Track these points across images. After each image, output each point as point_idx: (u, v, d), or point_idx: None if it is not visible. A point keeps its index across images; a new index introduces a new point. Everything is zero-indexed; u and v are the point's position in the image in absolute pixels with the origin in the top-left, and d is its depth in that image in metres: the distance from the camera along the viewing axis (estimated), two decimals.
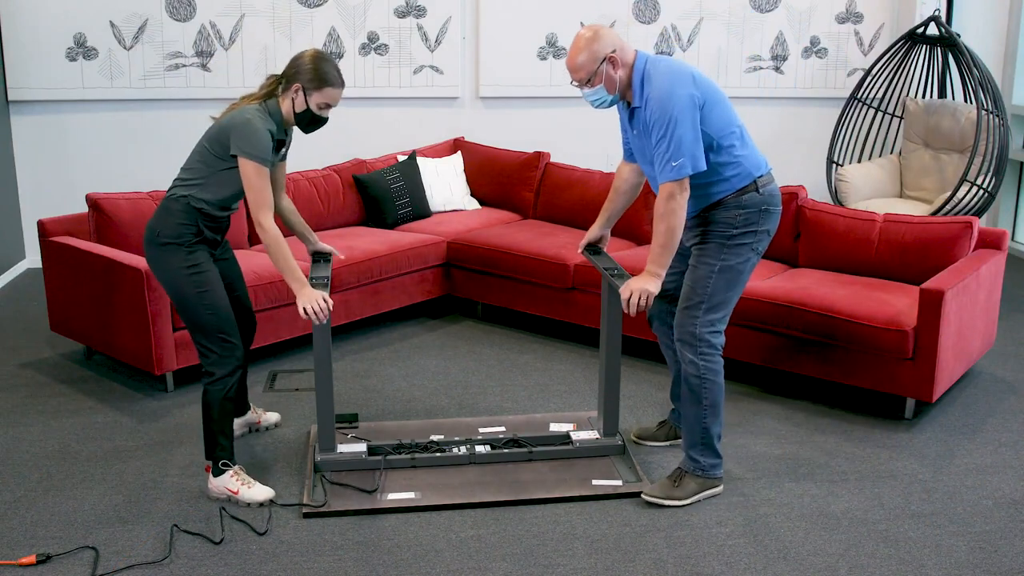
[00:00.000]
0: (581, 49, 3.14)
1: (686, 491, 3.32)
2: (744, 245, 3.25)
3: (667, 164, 3.08)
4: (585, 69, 3.15)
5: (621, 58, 3.15)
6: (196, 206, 3.20)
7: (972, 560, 3.00)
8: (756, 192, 3.24)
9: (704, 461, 3.34)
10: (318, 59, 3.20)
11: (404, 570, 2.92)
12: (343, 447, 3.57)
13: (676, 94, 3.07)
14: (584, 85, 3.20)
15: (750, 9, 6.87)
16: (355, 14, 6.40)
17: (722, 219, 3.24)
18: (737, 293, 3.29)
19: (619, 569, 2.93)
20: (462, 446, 3.63)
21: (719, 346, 3.28)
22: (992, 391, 4.38)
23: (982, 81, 5.76)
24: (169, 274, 3.22)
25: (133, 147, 6.29)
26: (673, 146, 3.06)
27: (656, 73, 3.13)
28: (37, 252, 5.57)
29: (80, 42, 6.06)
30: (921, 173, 6.32)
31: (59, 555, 2.97)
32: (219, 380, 3.24)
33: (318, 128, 3.31)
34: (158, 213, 3.25)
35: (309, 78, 3.18)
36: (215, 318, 3.22)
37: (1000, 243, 4.43)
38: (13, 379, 4.42)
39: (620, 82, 3.18)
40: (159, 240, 3.21)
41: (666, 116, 3.06)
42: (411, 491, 3.35)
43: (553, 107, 6.81)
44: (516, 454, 3.59)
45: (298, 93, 3.20)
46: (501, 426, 3.87)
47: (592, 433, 3.76)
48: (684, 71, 3.15)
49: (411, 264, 5.18)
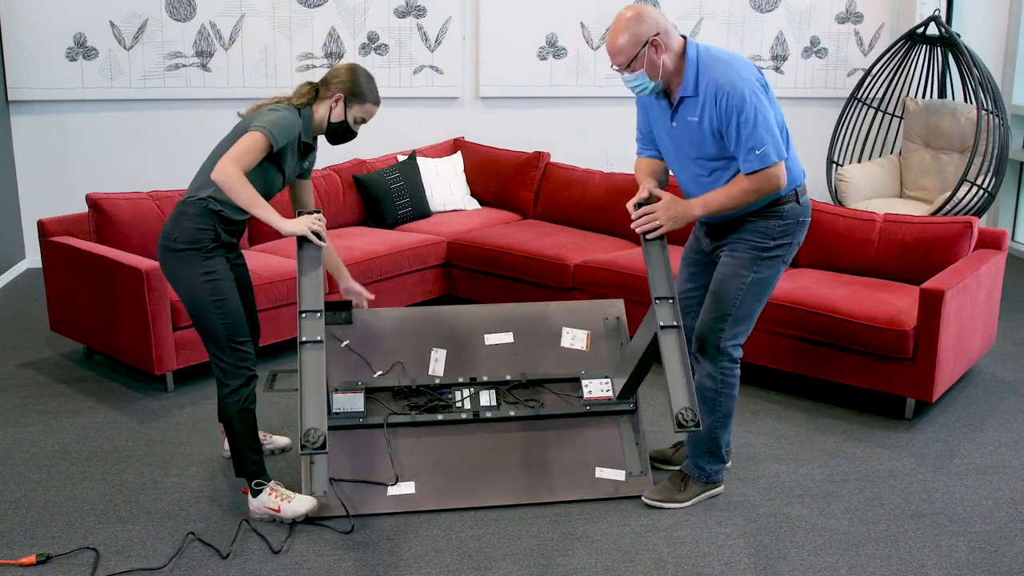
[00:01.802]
0: (621, 31, 2.90)
1: (689, 494, 3.29)
2: (777, 258, 3.11)
3: (750, 153, 2.87)
4: (625, 53, 2.90)
5: (665, 42, 2.91)
6: (214, 208, 3.08)
7: (972, 560, 3.00)
8: (796, 202, 3.09)
9: (709, 468, 3.31)
10: (364, 74, 3.17)
11: (404, 570, 2.92)
12: (340, 400, 3.34)
13: (747, 79, 2.87)
14: (624, 70, 2.95)
15: (750, 9, 6.87)
16: (355, 14, 6.40)
17: (759, 229, 3.07)
18: (763, 305, 3.18)
19: (619, 569, 2.93)
20: (465, 391, 3.41)
21: (738, 359, 3.19)
22: (992, 391, 4.39)
23: (982, 81, 5.76)
24: (185, 281, 3.10)
25: (133, 147, 6.30)
26: (758, 132, 2.85)
27: (714, 61, 2.92)
28: (37, 252, 5.57)
29: (80, 42, 6.06)
30: (921, 173, 6.32)
31: (59, 555, 2.97)
32: (234, 391, 3.14)
33: (347, 142, 3.24)
34: (174, 218, 3.13)
35: (353, 90, 3.14)
36: (230, 327, 3.11)
37: (1000, 243, 4.43)
38: (13, 379, 4.42)
39: (664, 68, 2.93)
40: (176, 246, 3.08)
41: (747, 101, 2.84)
42: (411, 480, 3.27)
43: (553, 107, 6.81)
44: (522, 415, 3.38)
45: (339, 103, 3.15)
46: (509, 332, 3.56)
47: (605, 386, 3.49)
48: (743, 59, 2.98)
49: (411, 264, 5.18)
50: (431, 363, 3.49)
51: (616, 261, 4.78)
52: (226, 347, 3.12)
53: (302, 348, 2.85)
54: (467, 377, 3.47)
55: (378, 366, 3.46)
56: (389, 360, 3.48)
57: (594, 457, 3.40)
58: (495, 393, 3.44)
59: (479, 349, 3.51)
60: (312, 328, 2.89)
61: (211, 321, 3.10)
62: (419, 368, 3.48)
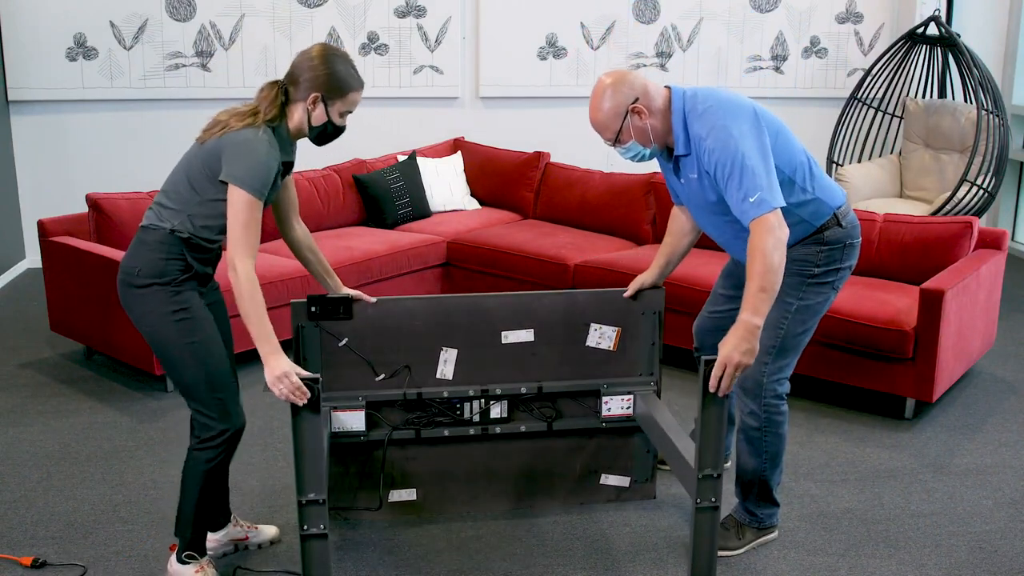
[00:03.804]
0: (599, 106, 2.72)
1: (743, 541, 3.04)
2: (826, 284, 2.87)
3: (744, 203, 2.60)
4: (609, 127, 2.73)
5: (647, 105, 2.71)
6: (182, 235, 2.61)
7: (972, 560, 3.00)
8: (838, 226, 2.84)
9: (761, 513, 3.05)
10: (333, 59, 2.63)
11: (404, 570, 2.92)
12: (339, 419, 3.04)
13: (734, 124, 2.65)
14: (614, 143, 2.78)
15: (750, 9, 6.87)
16: (355, 14, 6.40)
17: (801, 256, 2.84)
18: (810, 334, 2.91)
19: (619, 569, 2.93)
20: (475, 404, 3.11)
21: (784, 395, 2.93)
22: (992, 391, 4.38)
23: (982, 81, 5.76)
24: (151, 321, 2.62)
25: (133, 147, 6.29)
26: (746, 181, 2.59)
27: (701, 109, 2.70)
28: (37, 252, 5.57)
29: (80, 42, 6.05)
30: (921, 173, 6.32)
31: (53, 565, 2.96)
32: (208, 447, 2.67)
33: (335, 139, 2.76)
34: (134, 248, 2.66)
35: (328, 85, 2.61)
36: (208, 374, 2.63)
37: (1000, 243, 4.43)
38: (13, 379, 4.42)
39: (655, 131, 2.74)
40: (138, 280, 2.61)
41: (729, 151, 2.61)
42: (412, 487, 3.22)
43: (553, 107, 6.81)
44: (534, 430, 3.18)
45: (316, 104, 2.62)
46: (530, 328, 3.13)
47: (626, 403, 3.22)
48: (732, 97, 2.74)
49: (411, 264, 5.18)
50: (440, 364, 3.11)
51: (616, 261, 4.78)
52: (207, 396, 2.64)
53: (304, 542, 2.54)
54: (478, 383, 3.13)
55: (381, 367, 3.08)
56: (393, 360, 3.08)
57: (603, 466, 3.31)
58: (507, 404, 3.15)
59: (494, 348, 3.12)
60: (315, 516, 2.53)
61: (185, 367, 2.63)
62: (426, 370, 3.10)
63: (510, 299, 3.12)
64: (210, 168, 2.60)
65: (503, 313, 3.11)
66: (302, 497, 2.51)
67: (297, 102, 2.64)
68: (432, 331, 3.08)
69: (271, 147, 2.59)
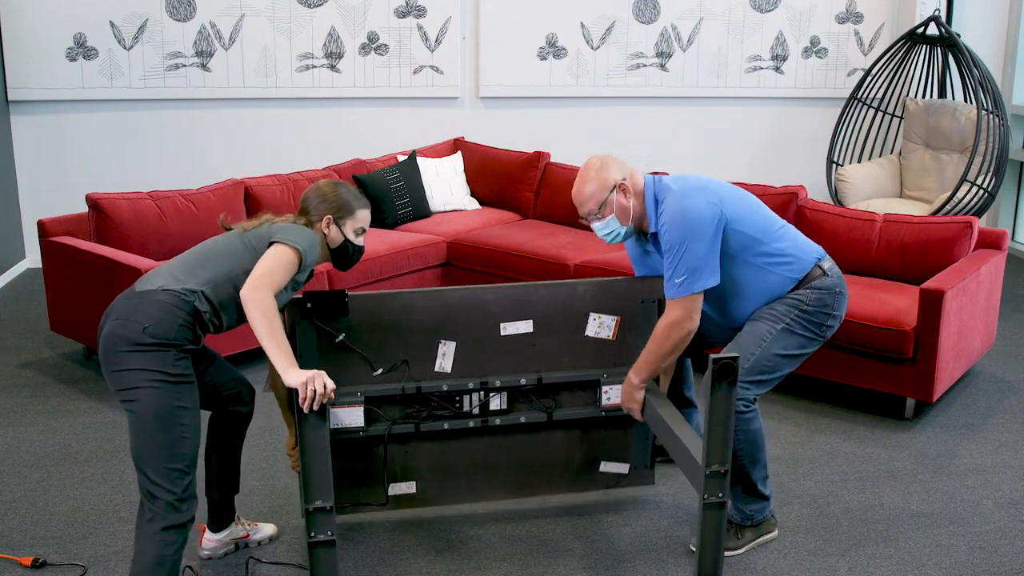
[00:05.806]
0: (589, 179, 2.91)
1: (743, 541, 3.08)
2: (815, 323, 2.97)
3: (670, 281, 2.84)
4: (595, 199, 2.91)
5: (632, 185, 2.92)
6: (201, 308, 2.58)
7: (972, 560, 3.00)
8: (824, 275, 2.98)
9: (749, 509, 3.08)
10: (336, 185, 2.83)
11: (404, 570, 2.92)
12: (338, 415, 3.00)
13: (691, 206, 2.84)
14: (594, 218, 2.95)
15: (750, 9, 6.87)
16: (355, 14, 6.40)
17: (793, 295, 2.97)
18: (786, 366, 2.98)
19: (619, 569, 2.93)
20: (474, 396, 3.10)
21: (752, 400, 2.95)
22: (992, 391, 4.38)
23: (982, 81, 5.76)
24: (146, 380, 2.50)
25: (133, 147, 6.30)
26: (683, 260, 2.81)
27: (667, 191, 2.91)
28: (37, 252, 5.57)
29: (80, 42, 6.06)
30: (921, 173, 6.32)
31: (53, 565, 2.97)
32: (173, 527, 2.49)
33: (357, 261, 2.89)
34: (143, 304, 2.55)
35: (336, 205, 2.78)
36: (185, 443, 2.52)
37: (1000, 243, 4.43)
38: (13, 379, 4.42)
39: (635, 211, 2.94)
40: (143, 338, 2.49)
41: (678, 231, 2.82)
42: (411, 480, 3.18)
43: (553, 107, 6.81)
44: (533, 421, 3.16)
45: (330, 226, 2.78)
46: (529, 319, 3.13)
47: None
48: (697, 180, 2.94)
49: (411, 264, 5.18)
50: (438, 358, 3.11)
51: (616, 261, 4.78)
52: (175, 469, 2.50)
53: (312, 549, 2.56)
54: (478, 375, 3.13)
55: (379, 361, 3.04)
56: (390, 354, 3.05)
57: (601, 453, 3.31)
58: (506, 396, 3.16)
59: (493, 341, 3.12)
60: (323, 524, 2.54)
61: (167, 435, 2.50)
62: (425, 363, 3.08)
63: (508, 291, 3.11)
64: (254, 248, 2.67)
65: (502, 305, 3.10)
66: (309, 505, 2.53)
67: (315, 226, 2.79)
68: (430, 324, 3.06)
69: (314, 235, 2.74)
